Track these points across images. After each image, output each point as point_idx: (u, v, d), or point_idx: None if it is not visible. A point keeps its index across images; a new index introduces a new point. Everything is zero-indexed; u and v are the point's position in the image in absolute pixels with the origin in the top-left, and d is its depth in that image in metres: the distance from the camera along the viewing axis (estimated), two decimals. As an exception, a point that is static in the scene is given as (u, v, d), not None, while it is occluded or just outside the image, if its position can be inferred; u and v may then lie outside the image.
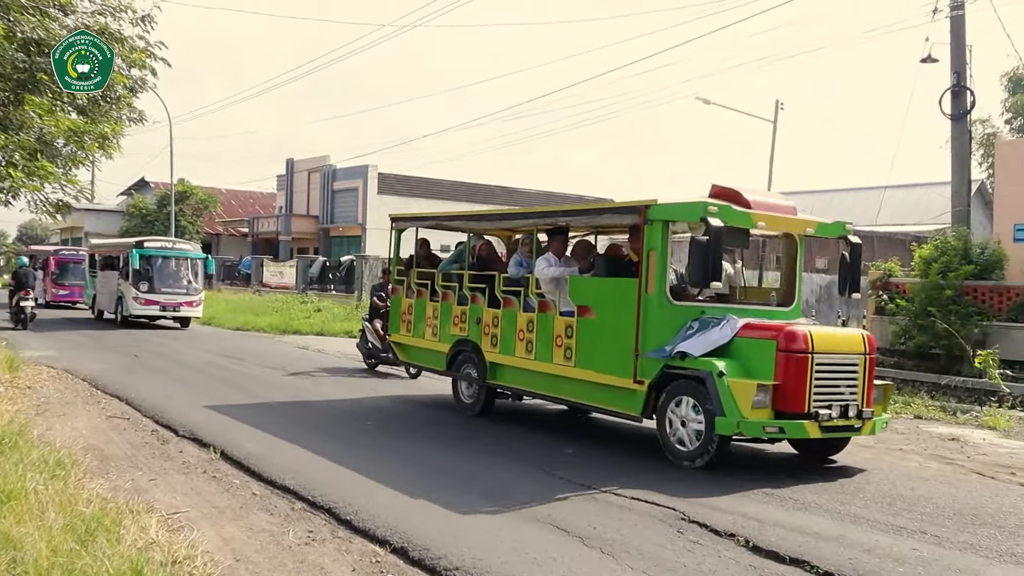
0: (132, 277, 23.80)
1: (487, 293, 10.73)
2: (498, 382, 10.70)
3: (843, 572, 5.46)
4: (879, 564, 5.65)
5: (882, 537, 6.27)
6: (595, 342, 9.19)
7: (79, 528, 5.43)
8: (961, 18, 17.27)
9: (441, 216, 14.10)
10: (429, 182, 45.76)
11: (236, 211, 57.35)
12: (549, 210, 11.74)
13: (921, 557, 5.83)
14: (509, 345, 10.35)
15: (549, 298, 9.84)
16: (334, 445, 9.08)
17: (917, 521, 6.74)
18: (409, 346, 12.46)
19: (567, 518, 6.51)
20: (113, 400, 11.83)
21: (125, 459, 8.36)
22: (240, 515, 6.64)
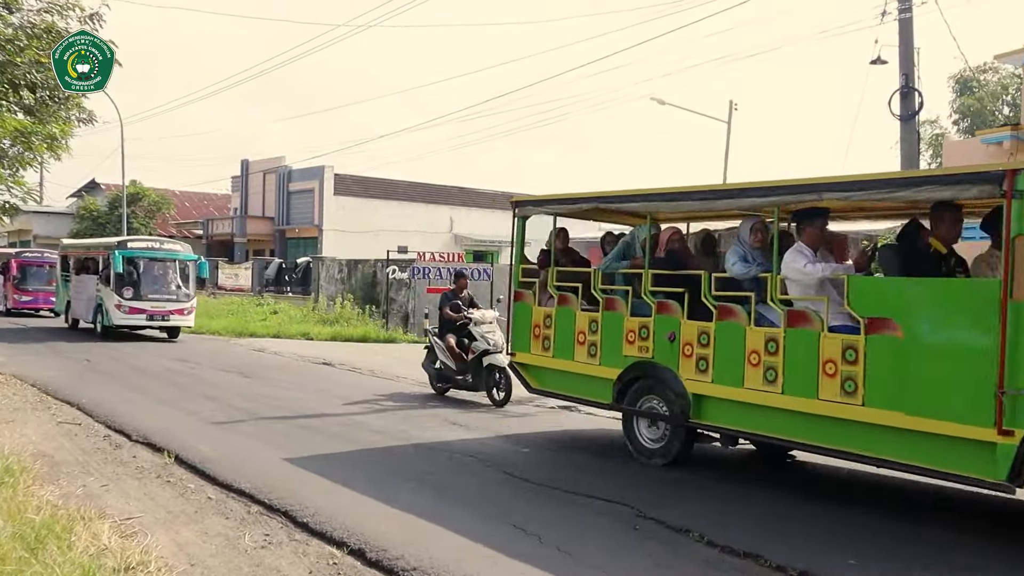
0: (114, 282, 21.22)
1: (685, 300, 8.16)
2: (708, 421, 8.03)
3: (795, 566, 5.54)
4: (834, 557, 5.75)
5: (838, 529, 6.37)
6: (907, 371, 6.48)
7: (28, 536, 5.34)
8: (909, 21, 17.58)
9: (593, 197, 9.75)
10: (386, 183, 45.59)
11: (190, 213, 56.62)
12: (806, 183, 7.57)
13: (877, 551, 5.94)
14: (730, 371, 7.69)
15: (807, 307, 7.26)
16: (290, 447, 9.02)
17: (867, 513, 6.85)
18: (546, 370, 9.73)
19: (523, 517, 6.53)
20: (64, 406, 11.62)
21: (76, 465, 8.23)
22: (195, 519, 6.57)
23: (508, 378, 11.59)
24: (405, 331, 24.34)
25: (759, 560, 5.65)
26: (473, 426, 10.52)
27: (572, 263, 10.27)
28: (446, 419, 10.98)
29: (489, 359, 12.04)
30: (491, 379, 12.07)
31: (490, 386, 12.09)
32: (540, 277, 9.99)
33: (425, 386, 13.54)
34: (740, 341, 7.59)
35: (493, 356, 11.99)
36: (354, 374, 16.08)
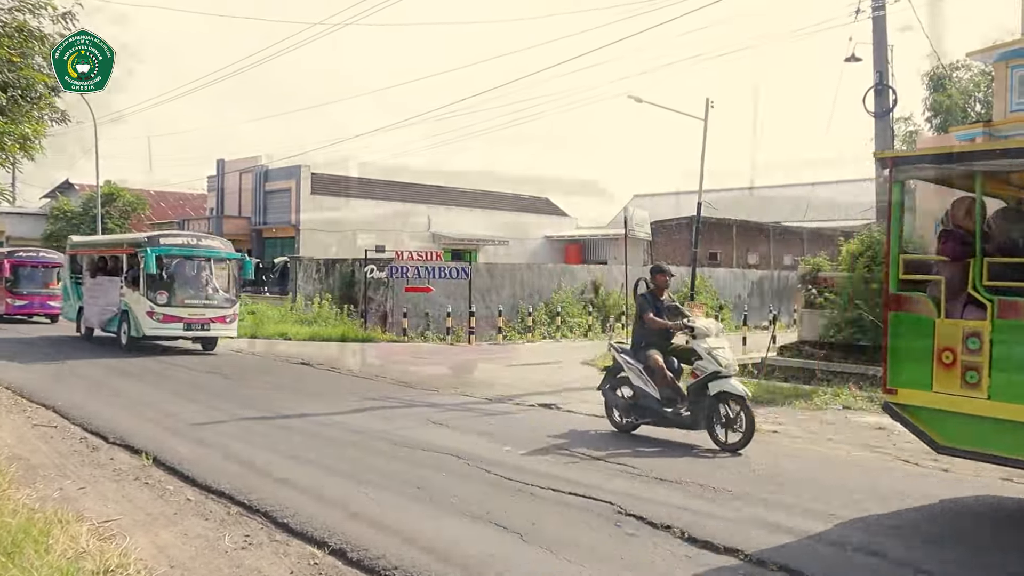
0: (145, 285, 18.19)
1: None
2: None
3: (775, 559, 5.58)
4: (810, 548, 5.79)
5: (814, 524, 6.41)
6: None
7: (4, 540, 5.28)
8: (882, 19, 17.74)
9: None
10: (363, 181, 45.45)
11: (166, 213, 56.17)
12: None
13: (851, 542, 5.99)
14: None
15: None
16: (270, 448, 8.97)
17: (847, 508, 6.91)
18: (973, 418, 6.53)
19: (506, 515, 6.54)
20: (39, 408, 11.51)
21: (53, 468, 8.15)
22: (174, 521, 6.52)
23: (749, 413, 9.09)
24: (384, 330, 24.29)
25: (738, 555, 5.68)
26: (453, 425, 10.51)
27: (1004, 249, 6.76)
28: (427, 418, 10.96)
29: (720, 385, 9.26)
30: (717, 413, 9.25)
31: (717, 423, 9.26)
32: (946, 273, 6.83)
33: (403, 385, 13.49)
34: None
35: (725, 382, 9.28)
36: (333, 374, 16.03)
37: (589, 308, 27.43)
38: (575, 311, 27.12)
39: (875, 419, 11.47)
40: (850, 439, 10.15)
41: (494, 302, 25.65)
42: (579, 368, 17.10)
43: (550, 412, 11.72)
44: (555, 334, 25.59)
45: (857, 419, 11.54)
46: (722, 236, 43.43)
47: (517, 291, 26.54)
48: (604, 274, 29.25)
